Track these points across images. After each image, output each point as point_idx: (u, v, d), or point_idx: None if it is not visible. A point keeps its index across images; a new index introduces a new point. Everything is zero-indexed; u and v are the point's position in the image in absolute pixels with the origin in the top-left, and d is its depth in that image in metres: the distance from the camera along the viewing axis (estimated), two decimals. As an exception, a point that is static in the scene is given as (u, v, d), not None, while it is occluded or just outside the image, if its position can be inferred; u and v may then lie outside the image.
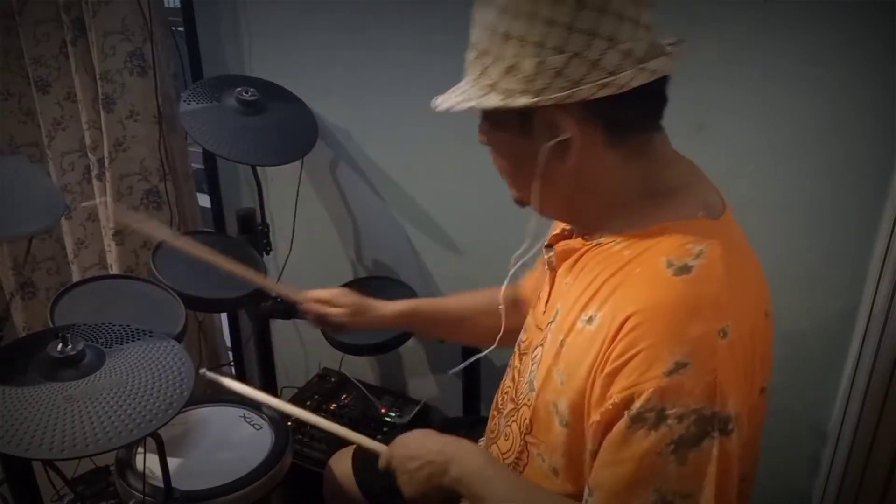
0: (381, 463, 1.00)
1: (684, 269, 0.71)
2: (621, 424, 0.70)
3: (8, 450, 0.85)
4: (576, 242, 0.85)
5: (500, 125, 0.80)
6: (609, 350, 0.71)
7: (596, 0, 0.69)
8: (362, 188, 1.73)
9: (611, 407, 0.70)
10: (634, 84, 0.70)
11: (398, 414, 1.71)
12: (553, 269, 0.90)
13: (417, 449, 0.94)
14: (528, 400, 0.87)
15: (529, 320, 0.98)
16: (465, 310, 1.23)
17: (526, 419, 0.87)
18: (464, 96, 0.77)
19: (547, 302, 0.92)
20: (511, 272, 0.96)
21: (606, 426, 0.71)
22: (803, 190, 1.27)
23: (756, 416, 0.78)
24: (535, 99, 0.71)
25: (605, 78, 0.70)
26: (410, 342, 1.59)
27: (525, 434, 0.88)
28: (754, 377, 0.74)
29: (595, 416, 0.72)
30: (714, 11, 1.22)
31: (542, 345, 0.86)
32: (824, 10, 1.15)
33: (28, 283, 2.08)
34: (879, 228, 1.23)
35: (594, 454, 0.74)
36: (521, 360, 0.96)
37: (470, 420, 1.52)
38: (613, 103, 0.71)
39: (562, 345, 0.80)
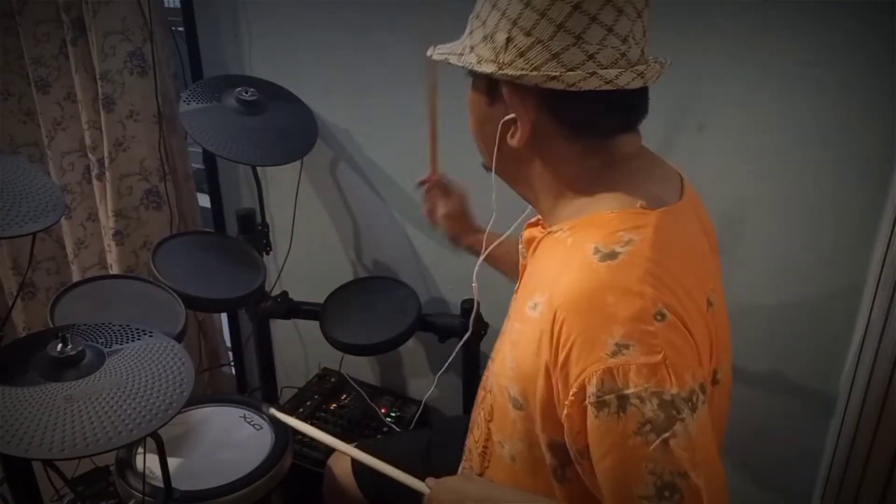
0: None
1: (610, 256, 0.72)
2: (590, 417, 0.70)
3: (8, 450, 0.85)
4: (536, 230, 0.89)
5: (476, 86, 0.84)
6: (554, 344, 0.72)
7: (591, 6, 0.71)
8: (362, 188, 1.73)
9: (572, 397, 0.71)
10: (584, 86, 0.72)
11: (398, 414, 1.71)
12: (524, 257, 0.93)
13: (459, 493, 0.91)
14: (491, 386, 0.89)
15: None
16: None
17: (489, 405, 0.89)
18: (448, 49, 0.83)
19: (517, 291, 0.93)
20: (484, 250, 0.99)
21: (580, 423, 0.72)
22: (803, 189, 1.27)
23: (712, 406, 0.77)
24: (497, 71, 0.75)
25: (558, 71, 0.73)
26: (410, 342, 1.59)
27: (488, 421, 0.89)
28: (703, 362, 0.74)
29: (564, 412, 0.73)
30: (714, 11, 1.22)
31: (504, 332, 0.89)
32: (824, 10, 1.15)
33: (28, 283, 2.08)
34: (879, 228, 1.23)
35: (582, 454, 0.74)
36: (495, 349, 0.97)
37: (465, 419, 1.52)
38: (566, 101, 0.75)
39: (513, 331, 0.82)
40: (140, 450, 1.18)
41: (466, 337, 1.19)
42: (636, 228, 0.75)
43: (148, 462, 1.12)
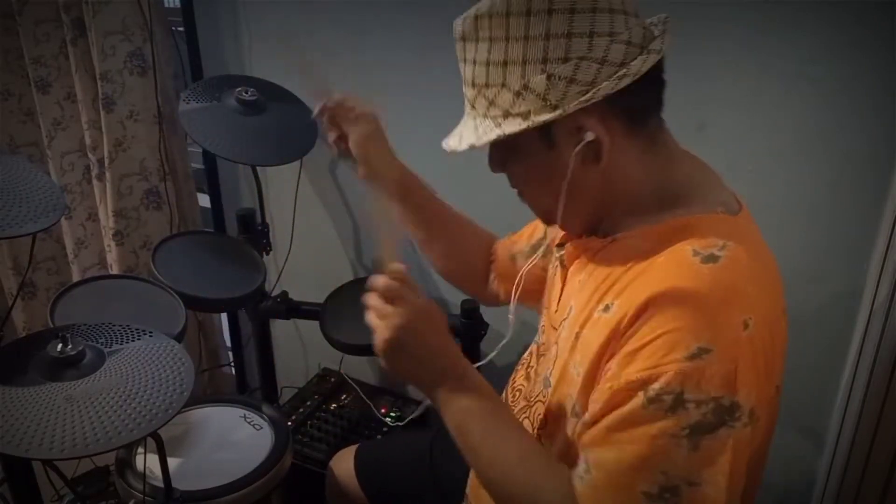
0: (378, 286, 0.86)
1: (711, 258, 0.71)
2: (635, 403, 0.69)
3: (8, 450, 0.85)
4: (590, 241, 0.85)
5: (518, 149, 0.79)
6: (630, 330, 0.71)
7: (585, 3, 0.70)
8: (362, 188, 1.72)
9: (625, 384, 0.69)
10: (646, 68, 0.72)
11: (398, 414, 1.71)
12: (564, 268, 0.90)
13: (428, 348, 0.82)
14: (543, 396, 0.86)
15: (545, 321, 0.97)
16: (455, 215, 1.20)
17: (539, 415, 0.86)
18: (479, 131, 0.77)
19: (559, 300, 0.91)
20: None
21: (616, 402, 0.70)
22: (803, 189, 1.27)
23: (772, 415, 0.79)
24: (558, 112, 0.72)
25: (618, 70, 0.71)
26: (410, 342, 1.59)
27: (538, 429, 0.87)
28: (772, 374, 0.75)
29: (605, 386, 0.71)
30: (714, 11, 1.22)
31: (556, 342, 0.86)
32: (824, 10, 1.15)
33: (28, 283, 2.08)
34: (879, 228, 1.23)
35: (589, 425, 0.73)
36: (538, 360, 0.96)
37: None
38: (628, 92, 0.72)
39: (577, 338, 0.80)
40: (140, 450, 1.18)
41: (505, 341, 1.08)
42: (728, 234, 0.74)
43: (148, 462, 1.13)
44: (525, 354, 1.03)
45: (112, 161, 1.79)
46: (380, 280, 0.84)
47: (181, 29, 1.77)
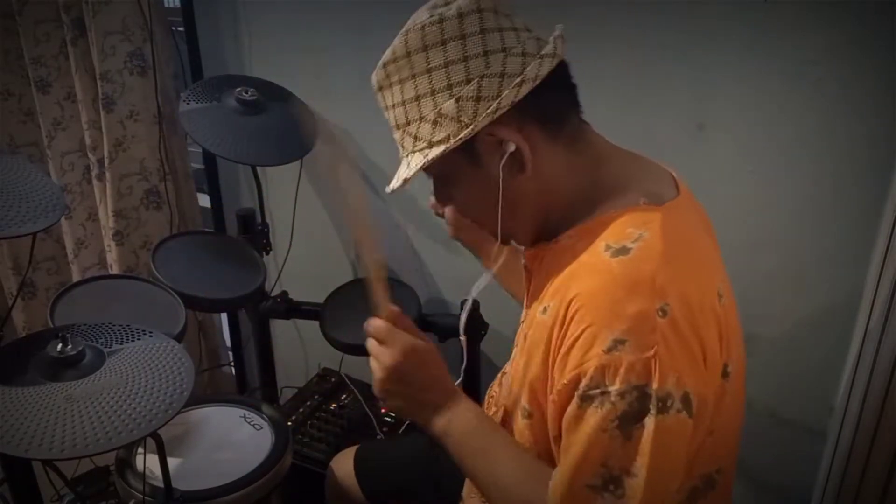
0: (371, 330, 0.93)
1: (622, 251, 0.74)
2: (573, 405, 0.72)
3: (8, 450, 0.85)
4: (540, 246, 0.89)
5: (451, 176, 0.84)
6: (561, 335, 0.74)
7: (473, 27, 0.75)
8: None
9: (562, 387, 0.73)
10: (543, 72, 0.76)
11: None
12: (528, 273, 0.93)
13: (419, 384, 0.88)
14: (506, 400, 0.90)
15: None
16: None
17: (499, 419, 0.91)
18: (410, 165, 0.83)
19: (525, 307, 0.94)
20: (471, 297, 0.97)
21: (561, 409, 0.74)
22: (803, 189, 1.27)
23: (725, 399, 0.78)
24: (471, 128, 0.76)
25: (517, 79, 0.75)
26: (410, 342, 1.59)
27: None
28: (709, 358, 0.74)
29: (552, 397, 0.75)
30: (714, 11, 1.22)
31: (517, 346, 0.89)
32: (824, 10, 1.15)
33: (28, 283, 2.08)
34: (879, 228, 1.23)
35: (557, 440, 0.77)
36: (511, 365, 0.98)
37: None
38: (535, 99, 0.76)
39: (526, 339, 0.83)
40: (140, 450, 1.18)
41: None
42: (644, 224, 0.76)
43: (148, 462, 1.12)
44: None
45: (112, 161, 1.79)
46: (373, 323, 0.92)
47: (181, 29, 1.77)
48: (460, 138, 0.77)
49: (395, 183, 0.86)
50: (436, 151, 0.79)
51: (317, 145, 1.16)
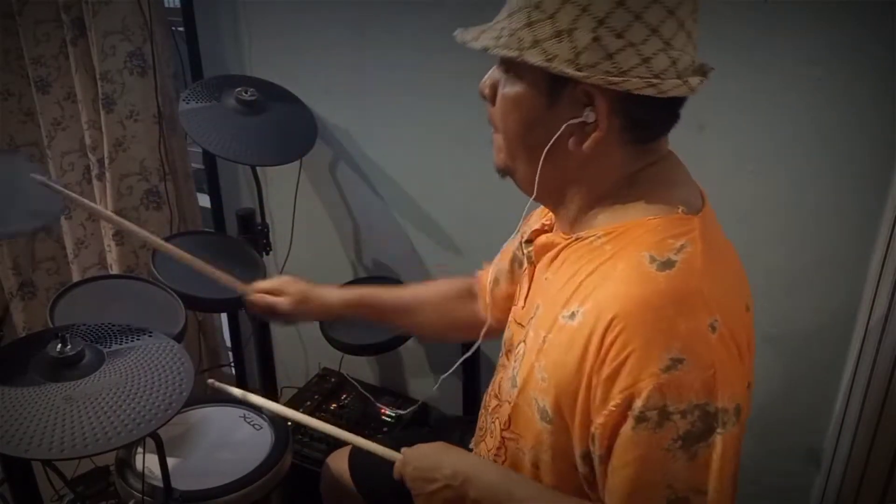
0: (395, 475, 0.97)
1: (667, 265, 0.71)
2: (627, 427, 0.69)
3: (8, 450, 0.85)
4: (556, 237, 0.85)
5: (523, 86, 0.76)
6: (603, 352, 0.70)
7: (669, 1, 0.69)
8: (362, 188, 1.73)
9: (613, 408, 0.70)
10: (674, 94, 0.71)
11: (398, 414, 1.71)
12: (532, 265, 0.90)
13: (433, 470, 0.90)
14: (510, 397, 0.86)
15: (511, 317, 0.97)
16: (411, 301, 1.21)
17: (506, 415, 0.87)
18: (502, 41, 0.73)
19: (526, 298, 0.91)
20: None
21: (613, 430, 0.71)
22: (804, 190, 1.27)
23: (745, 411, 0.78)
24: (581, 73, 0.70)
25: (652, 78, 0.70)
26: (410, 342, 1.59)
27: (503, 430, 0.88)
28: (746, 370, 0.74)
29: (599, 420, 0.72)
30: (714, 11, 1.22)
31: (524, 341, 0.86)
32: (824, 10, 1.15)
33: (28, 283, 2.08)
34: (879, 228, 1.23)
35: (603, 459, 0.74)
36: (507, 357, 0.96)
37: (469, 420, 1.52)
38: (645, 106, 0.72)
39: (544, 341, 0.80)
40: (140, 450, 1.18)
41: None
42: (684, 235, 0.73)
43: (148, 462, 1.12)
44: (501, 355, 1.03)
45: (112, 161, 1.79)
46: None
47: (181, 29, 1.77)
48: (564, 72, 0.70)
49: (470, 38, 0.76)
50: (534, 56, 0.71)
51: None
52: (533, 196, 0.82)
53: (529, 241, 0.90)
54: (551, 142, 0.76)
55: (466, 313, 1.15)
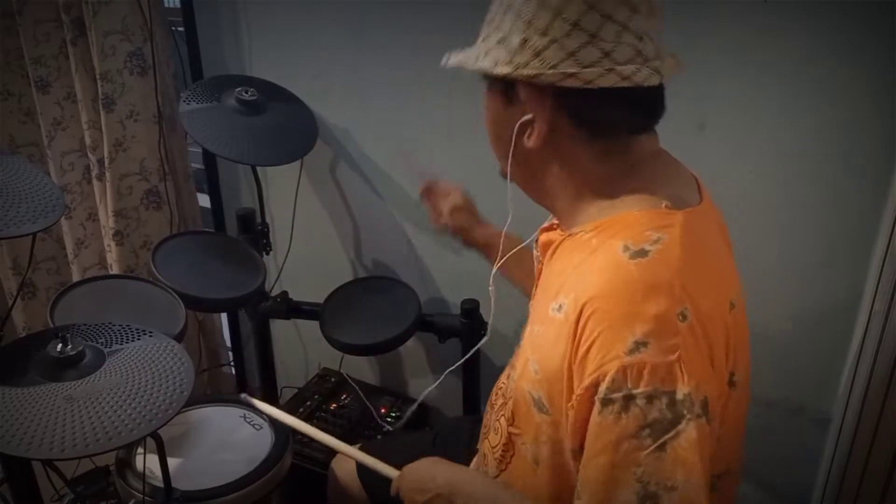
0: (392, 491, 1.00)
1: (640, 253, 0.72)
2: (594, 413, 0.70)
3: (8, 450, 0.85)
4: (554, 234, 0.88)
5: (492, 89, 0.83)
6: (577, 338, 0.72)
7: (608, 6, 0.71)
8: (362, 188, 1.73)
9: (581, 392, 0.71)
10: (602, 83, 0.72)
11: (398, 414, 1.71)
12: (540, 262, 0.93)
13: (426, 481, 0.94)
14: (512, 392, 0.89)
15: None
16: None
17: (510, 410, 0.89)
18: (463, 55, 0.82)
19: (534, 296, 0.94)
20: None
21: (582, 418, 0.72)
22: (804, 189, 1.27)
23: (729, 407, 0.78)
24: (512, 71, 0.75)
25: (574, 69, 0.73)
26: (410, 342, 1.59)
27: (509, 425, 0.89)
28: (719, 365, 0.74)
29: (570, 404, 0.73)
30: (714, 11, 1.22)
31: (524, 337, 0.88)
32: (824, 10, 1.15)
33: (28, 283, 2.08)
34: (879, 228, 1.23)
35: (575, 454, 0.74)
36: (516, 356, 0.97)
37: (470, 420, 1.52)
38: (584, 101, 0.75)
39: (536, 334, 0.82)
40: (140, 450, 1.18)
41: (483, 341, 1.17)
42: (664, 227, 0.75)
43: (148, 462, 1.12)
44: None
45: (112, 161, 1.79)
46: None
47: (181, 29, 1.77)
48: (498, 72, 0.77)
49: (453, 59, 0.84)
50: (481, 63, 0.79)
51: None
52: (528, 193, 0.88)
53: (538, 241, 0.93)
54: (512, 140, 0.81)
55: None
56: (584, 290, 0.73)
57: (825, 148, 1.23)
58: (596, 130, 0.78)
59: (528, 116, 0.78)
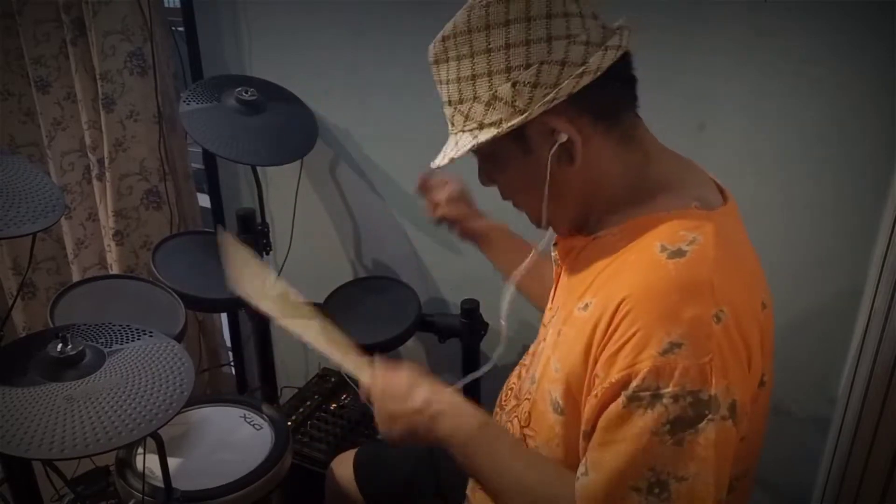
0: (362, 396, 0.96)
1: (678, 253, 0.73)
2: (618, 404, 0.71)
3: (8, 450, 0.85)
4: (577, 240, 0.87)
5: (499, 158, 0.83)
6: (610, 331, 0.72)
7: (540, 10, 0.73)
8: (362, 188, 1.73)
9: (608, 386, 0.71)
10: (606, 64, 0.74)
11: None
12: (558, 266, 0.92)
13: (403, 394, 0.89)
14: (529, 394, 0.88)
15: (543, 320, 0.99)
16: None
17: (526, 412, 0.89)
18: (458, 144, 0.81)
19: (552, 300, 0.93)
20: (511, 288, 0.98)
21: (602, 406, 0.72)
22: (804, 189, 1.27)
23: (756, 408, 0.78)
24: (525, 115, 0.75)
25: (578, 69, 0.74)
26: (410, 342, 1.59)
27: (523, 427, 0.89)
28: (753, 366, 0.74)
29: (593, 394, 0.74)
30: (714, 11, 1.22)
31: (545, 339, 0.89)
32: (824, 10, 1.15)
33: (28, 283, 2.08)
34: (879, 229, 1.23)
35: (587, 435, 0.75)
36: (531, 357, 0.98)
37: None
38: (594, 91, 0.75)
39: (559, 334, 0.82)
40: (140, 450, 1.18)
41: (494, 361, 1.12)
42: (697, 228, 0.75)
43: (148, 462, 1.12)
44: (525, 355, 1.04)
45: (112, 161, 1.79)
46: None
47: (181, 29, 1.77)
48: (513, 125, 0.75)
49: (440, 160, 0.84)
50: (486, 134, 0.77)
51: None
52: (563, 230, 0.88)
53: (556, 245, 0.93)
54: (547, 178, 0.79)
55: None
56: (619, 288, 0.73)
57: (825, 148, 1.23)
58: (609, 115, 0.79)
59: (560, 140, 0.77)
